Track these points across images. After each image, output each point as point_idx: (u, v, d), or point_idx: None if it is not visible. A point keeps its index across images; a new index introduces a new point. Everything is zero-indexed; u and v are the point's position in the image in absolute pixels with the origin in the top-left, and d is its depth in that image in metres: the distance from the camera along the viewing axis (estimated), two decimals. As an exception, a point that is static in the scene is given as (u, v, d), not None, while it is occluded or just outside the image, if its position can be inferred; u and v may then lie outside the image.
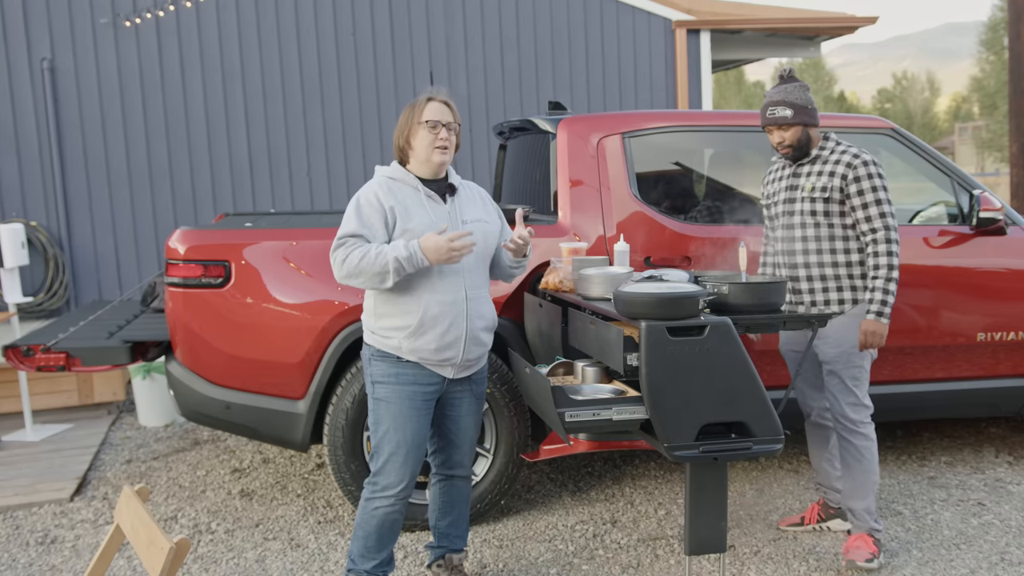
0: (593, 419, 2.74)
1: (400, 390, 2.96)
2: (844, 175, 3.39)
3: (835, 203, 3.42)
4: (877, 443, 3.52)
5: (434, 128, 2.94)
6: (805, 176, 3.49)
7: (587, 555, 3.67)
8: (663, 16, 8.38)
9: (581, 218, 4.04)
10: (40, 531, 4.07)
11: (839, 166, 3.41)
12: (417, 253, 2.81)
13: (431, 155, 2.95)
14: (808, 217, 3.46)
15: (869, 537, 3.48)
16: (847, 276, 3.45)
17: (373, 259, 2.81)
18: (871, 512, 3.49)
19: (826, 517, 3.79)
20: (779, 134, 3.46)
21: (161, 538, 1.93)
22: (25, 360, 4.16)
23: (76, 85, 7.17)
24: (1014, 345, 4.28)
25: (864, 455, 3.47)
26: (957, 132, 60.81)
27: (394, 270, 2.80)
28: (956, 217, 4.40)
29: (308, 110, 7.65)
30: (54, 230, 7.13)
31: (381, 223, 2.89)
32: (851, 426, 3.47)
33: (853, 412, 3.46)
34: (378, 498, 3.00)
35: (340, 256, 2.85)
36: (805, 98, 3.43)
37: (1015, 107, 8.47)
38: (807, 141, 3.45)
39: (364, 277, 2.84)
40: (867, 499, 3.48)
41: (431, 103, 2.97)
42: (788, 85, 3.46)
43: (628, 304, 2.73)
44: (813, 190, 3.44)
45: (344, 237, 2.87)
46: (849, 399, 3.46)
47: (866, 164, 3.38)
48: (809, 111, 3.42)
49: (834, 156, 3.44)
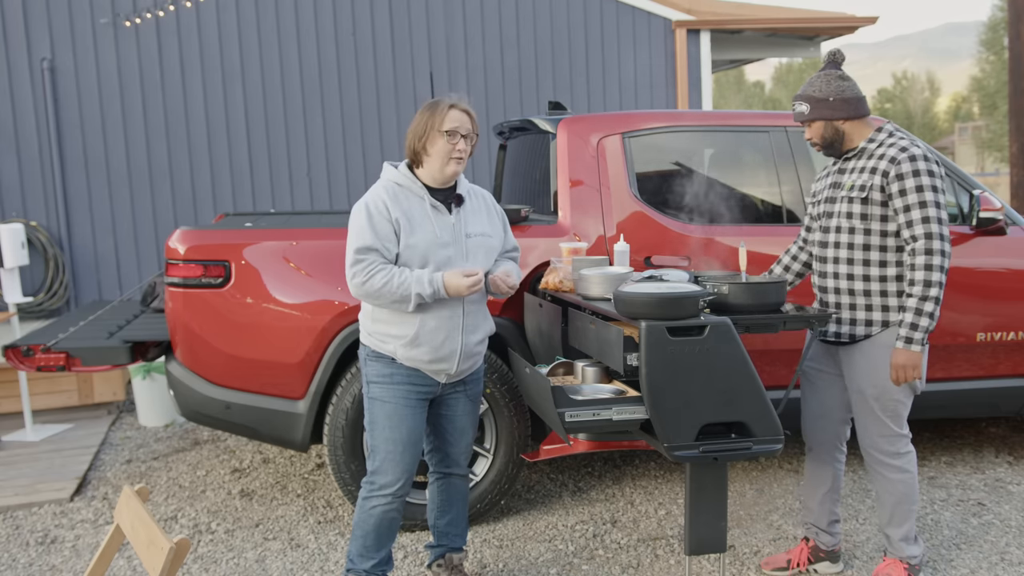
0: (593, 419, 2.74)
1: (395, 389, 2.96)
2: (886, 172, 2.96)
3: (875, 205, 2.99)
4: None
5: (453, 138, 2.89)
6: (849, 173, 3.11)
7: (587, 555, 3.67)
8: (663, 16, 8.38)
9: (581, 218, 4.04)
10: (40, 531, 4.07)
11: (882, 161, 2.99)
12: (440, 291, 2.85)
13: (446, 165, 2.91)
14: (844, 220, 3.07)
15: (902, 564, 3.20)
16: (879, 293, 3.04)
17: (395, 287, 2.81)
18: (908, 539, 3.19)
19: (815, 560, 3.43)
20: (807, 130, 3.14)
21: (161, 538, 1.93)
22: (25, 360, 4.16)
23: (76, 85, 7.17)
24: (1014, 345, 4.28)
25: (897, 488, 3.12)
26: (957, 132, 60.81)
27: (416, 295, 2.83)
28: (956, 217, 4.40)
29: (308, 110, 7.65)
30: (54, 230, 7.13)
31: (392, 234, 2.88)
32: (883, 457, 3.11)
33: (886, 443, 3.10)
34: (375, 497, 3.00)
35: (361, 277, 2.82)
36: (829, 89, 3.05)
37: (1015, 107, 8.47)
38: (838, 136, 3.08)
39: (383, 300, 2.85)
40: (904, 526, 3.17)
41: (453, 110, 2.90)
42: (816, 75, 3.12)
43: (628, 304, 2.72)
44: (852, 188, 3.05)
45: (362, 251, 2.83)
46: (881, 430, 3.09)
47: (913, 159, 2.93)
48: (832, 104, 3.04)
49: (880, 150, 3.03)
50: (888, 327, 3.04)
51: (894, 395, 3.05)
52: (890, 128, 3.10)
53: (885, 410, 3.08)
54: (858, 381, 3.11)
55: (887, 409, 3.08)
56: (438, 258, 2.89)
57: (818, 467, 3.37)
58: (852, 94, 3.07)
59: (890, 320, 3.04)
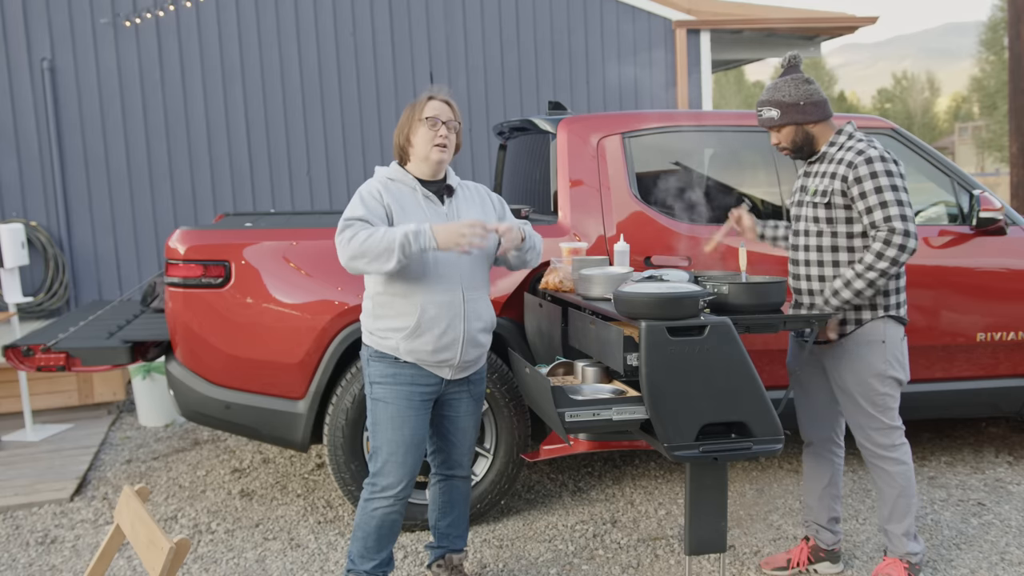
0: (593, 419, 2.74)
1: (398, 390, 2.96)
2: (845, 176, 2.99)
3: (838, 208, 3.03)
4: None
5: (434, 125, 2.93)
6: (812, 177, 3.16)
7: (587, 555, 3.67)
8: (663, 16, 8.39)
9: (581, 218, 4.04)
10: (40, 531, 4.07)
11: (840, 166, 3.03)
12: (427, 231, 2.77)
13: (430, 152, 2.95)
14: (811, 224, 3.13)
15: (902, 563, 3.19)
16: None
17: (380, 238, 2.77)
18: (909, 534, 3.19)
19: (815, 560, 3.42)
20: (774, 135, 3.16)
21: (161, 538, 1.93)
22: (25, 360, 4.16)
23: (76, 85, 7.18)
24: (1014, 345, 4.28)
25: (898, 480, 3.13)
26: (957, 132, 60.81)
27: (400, 245, 2.74)
28: (956, 217, 4.40)
29: (308, 110, 7.66)
30: (54, 230, 7.14)
31: (384, 214, 2.89)
32: (881, 451, 3.13)
33: (881, 436, 3.11)
34: (377, 498, 3.00)
35: (347, 235, 2.81)
36: (798, 93, 3.07)
37: (1015, 107, 8.47)
38: (808, 139, 3.11)
39: (369, 257, 2.78)
40: (904, 521, 3.17)
41: (431, 101, 2.97)
42: (780, 80, 3.13)
43: (628, 304, 2.72)
44: (815, 194, 3.09)
45: (351, 219, 2.84)
46: (874, 424, 3.11)
47: (870, 161, 2.95)
48: (802, 107, 3.06)
49: (840, 153, 3.06)
50: (863, 324, 3.09)
51: (879, 389, 3.09)
52: (849, 130, 3.13)
53: (874, 405, 3.10)
54: (841, 380, 3.15)
55: (875, 404, 3.10)
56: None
57: (816, 462, 3.39)
58: (820, 97, 3.11)
59: (863, 318, 3.08)
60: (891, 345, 3.09)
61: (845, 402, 3.18)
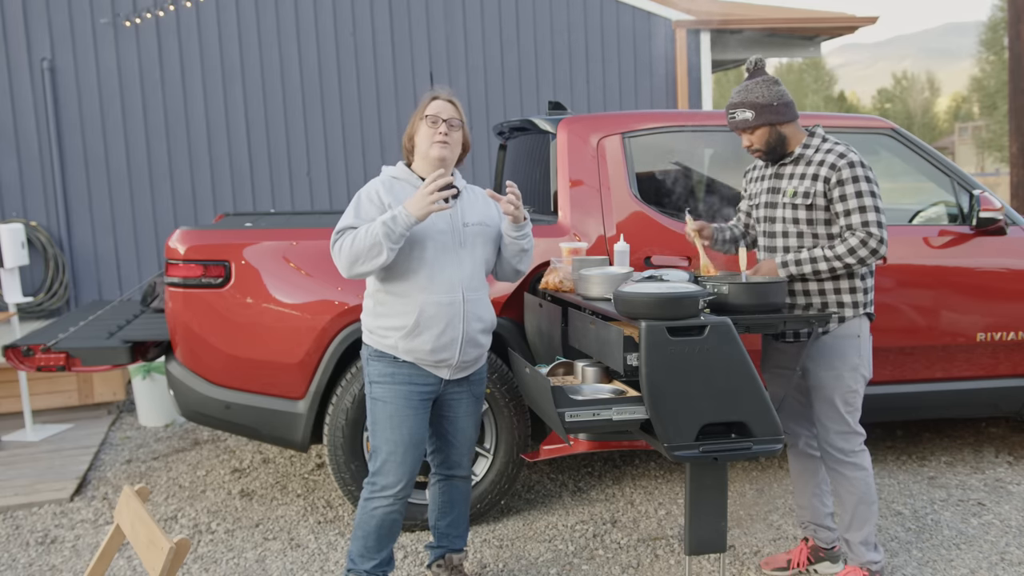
0: (593, 419, 2.74)
1: (397, 390, 2.96)
2: (827, 178, 3.04)
3: (820, 210, 3.09)
4: (871, 454, 3.27)
5: (434, 123, 2.96)
6: (787, 179, 3.18)
7: (587, 555, 3.67)
8: (663, 16, 8.39)
9: (581, 218, 4.04)
10: (40, 531, 4.07)
11: (823, 168, 3.06)
12: (401, 211, 2.78)
13: (430, 149, 2.96)
14: (790, 225, 3.16)
15: (863, 571, 3.22)
16: (833, 291, 3.13)
17: (364, 236, 2.80)
18: (868, 543, 3.22)
19: (815, 560, 3.43)
20: (746, 138, 3.16)
21: (161, 538, 1.93)
22: (25, 360, 4.16)
23: (76, 85, 7.18)
24: (1014, 345, 4.28)
25: (857, 487, 3.17)
26: (957, 132, 60.80)
27: (384, 235, 2.76)
28: (956, 217, 4.40)
29: (308, 110, 7.66)
30: (54, 230, 7.14)
31: (377, 215, 2.89)
32: (841, 456, 3.17)
33: (843, 441, 3.16)
34: (377, 498, 3.00)
35: (337, 247, 2.87)
36: (770, 94, 3.09)
37: (1015, 107, 8.47)
38: (781, 140, 3.14)
39: (362, 257, 2.81)
40: (864, 530, 3.20)
41: (434, 101, 3.01)
42: (750, 82, 3.14)
43: (628, 304, 2.72)
44: (795, 195, 3.12)
45: (341, 231, 2.89)
46: (839, 427, 3.16)
47: (852, 166, 3.02)
48: (776, 108, 3.08)
49: (818, 156, 3.10)
50: (844, 321, 3.13)
51: (851, 385, 3.13)
52: (821, 132, 3.18)
53: (845, 403, 3.14)
54: (818, 374, 3.17)
55: (846, 401, 3.14)
56: (436, 243, 2.92)
57: (799, 460, 3.42)
58: (789, 98, 3.16)
59: (845, 316, 3.13)
60: (864, 340, 3.17)
61: (817, 398, 3.20)
